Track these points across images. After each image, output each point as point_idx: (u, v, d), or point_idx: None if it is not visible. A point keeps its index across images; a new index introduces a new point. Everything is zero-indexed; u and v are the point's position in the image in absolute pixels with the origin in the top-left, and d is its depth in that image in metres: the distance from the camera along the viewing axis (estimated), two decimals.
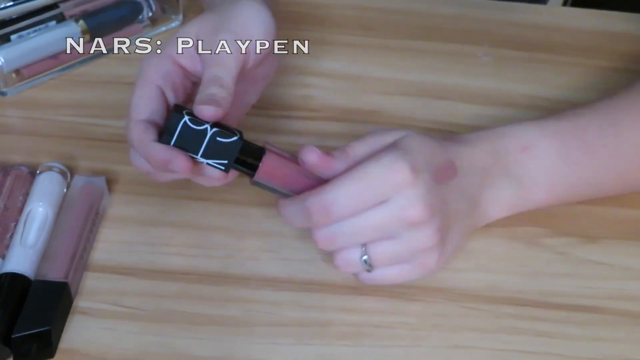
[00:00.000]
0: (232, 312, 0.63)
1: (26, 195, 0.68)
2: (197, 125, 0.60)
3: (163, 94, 0.64)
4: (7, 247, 0.64)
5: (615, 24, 0.89)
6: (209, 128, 0.60)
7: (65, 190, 0.68)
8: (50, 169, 0.69)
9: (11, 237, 0.65)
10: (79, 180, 0.69)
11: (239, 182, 0.71)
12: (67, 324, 0.62)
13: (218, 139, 0.60)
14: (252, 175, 0.61)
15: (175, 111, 0.60)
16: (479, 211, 0.65)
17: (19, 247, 0.64)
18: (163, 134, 0.60)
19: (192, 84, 0.66)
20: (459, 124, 0.77)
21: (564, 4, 1.03)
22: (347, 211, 0.59)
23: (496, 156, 0.65)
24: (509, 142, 0.66)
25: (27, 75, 0.79)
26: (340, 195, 0.58)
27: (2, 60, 0.76)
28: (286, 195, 0.62)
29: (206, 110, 0.60)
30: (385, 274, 0.62)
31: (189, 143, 0.59)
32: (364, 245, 0.60)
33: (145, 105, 0.63)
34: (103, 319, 0.62)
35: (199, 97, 0.61)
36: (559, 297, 0.65)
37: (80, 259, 0.64)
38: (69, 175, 0.69)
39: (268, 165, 0.60)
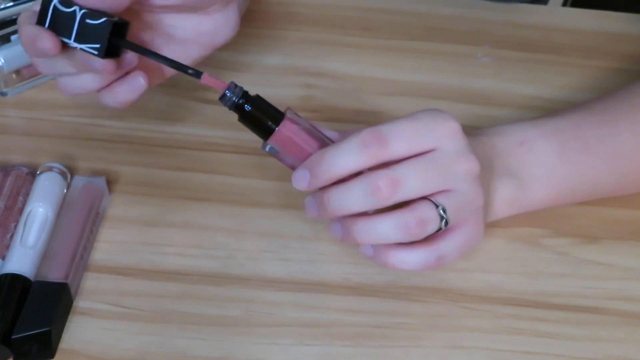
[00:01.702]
0: (232, 312, 0.63)
1: (26, 195, 0.67)
2: (66, 7, 0.57)
3: None
4: (8, 247, 0.64)
5: (615, 24, 0.89)
6: (77, 10, 0.57)
7: (65, 190, 0.68)
8: (50, 169, 0.69)
9: (11, 237, 0.65)
10: (79, 181, 0.69)
11: (239, 183, 0.71)
12: (67, 324, 0.62)
13: (87, 20, 0.57)
14: (265, 139, 0.59)
15: None
16: (490, 203, 0.64)
17: (19, 248, 0.64)
18: (38, 21, 0.58)
19: None
20: None
21: (564, 4, 1.03)
22: (403, 146, 0.57)
23: (496, 151, 0.65)
24: (507, 139, 0.66)
25: (28, 75, 0.79)
26: (395, 129, 0.57)
27: (3, 60, 0.76)
28: (293, 168, 0.60)
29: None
30: (452, 244, 0.60)
31: (61, 27, 0.57)
32: (429, 198, 0.58)
33: None
34: (103, 320, 0.63)
35: None
36: (559, 297, 0.65)
37: (80, 260, 0.64)
38: (69, 175, 0.69)
39: (285, 133, 0.59)
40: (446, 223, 0.58)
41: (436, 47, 0.86)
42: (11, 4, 0.77)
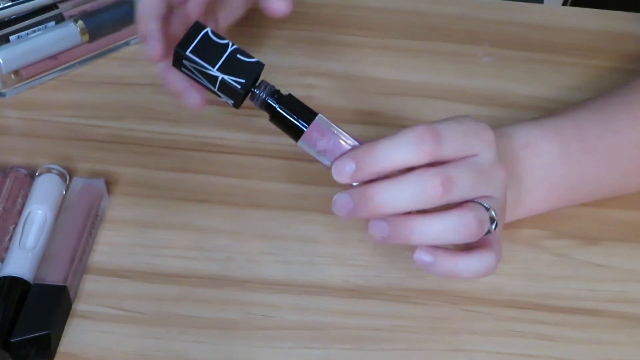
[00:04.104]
0: (232, 315, 0.63)
1: (25, 197, 0.67)
2: (218, 39, 0.58)
3: None
4: (6, 249, 0.64)
5: (616, 23, 0.89)
6: (230, 43, 0.58)
7: (64, 192, 0.68)
8: (49, 170, 0.68)
9: (10, 239, 0.65)
10: (78, 182, 0.68)
11: (239, 185, 0.71)
12: (66, 327, 0.62)
13: (239, 56, 0.58)
14: (298, 136, 0.59)
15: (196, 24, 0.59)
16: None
17: (18, 250, 0.63)
18: (181, 43, 0.58)
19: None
20: None
21: (564, 3, 1.02)
22: (454, 147, 0.57)
23: (502, 156, 0.64)
24: (512, 142, 0.65)
25: (26, 76, 0.78)
26: (449, 128, 0.57)
27: (1, 61, 0.75)
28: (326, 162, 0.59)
29: (278, 5, 0.62)
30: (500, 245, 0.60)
31: (206, 54, 0.57)
32: (476, 201, 0.57)
33: None
34: (102, 322, 0.62)
35: None
36: (560, 299, 0.65)
37: (79, 262, 0.64)
38: (67, 177, 0.69)
39: (316, 129, 0.58)
40: (496, 225, 0.58)
41: (437, 47, 0.85)
42: (10, 4, 0.77)
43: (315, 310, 0.64)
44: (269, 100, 0.58)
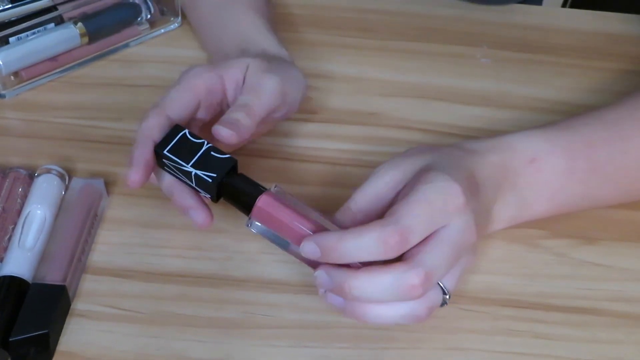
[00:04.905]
0: (231, 314, 0.63)
1: (24, 197, 0.67)
2: (195, 139, 0.62)
3: (197, 108, 0.66)
4: (6, 249, 0.64)
5: (614, 25, 0.89)
6: (205, 142, 0.61)
7: (63, 192, 0.68)
8: (48, 171, 0.69)
9: (9, 239, 0.65)
10: (77, 183, 0.69)
11: None
12: (65, 326, 0.62)
13: (212, 153, 0.61)
14: (248, 214, 0.60)
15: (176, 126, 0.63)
16: (488, 224, 0.64)
17: (17, 250, 0.64)
18: (160, 143, 0.62)
19: (221, 110, 0.68)
20: (457, 125, 0.77)
21: (564, 5, 1.03)
22: (420, 236, 0.55)
23: (505, 170, 0.63)
24: (517, 156, 0.64)
25: (26, 77, 0.79)
26: (414, 222, 0.55)
27: (1, 62, 0.76)
28: (283, 246, 0.60)
29: (224, 132, 0.62)
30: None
31: (182, 152, 0.61)
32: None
33: (179, 108, 0.64)
34: (101, 322, 0.62)
35: (225, 116, 0.63)
36: (558, 298, 0.65)
37: (78, 262, 0.64)
38: (67, 177, 0.69)
39: (264, 206, 0.59)
40: (445, 305, 0.59)
41: (435, 48, 0.86)
42: (10, 6, 0.77)
43: (313, 309, 0.64)
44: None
